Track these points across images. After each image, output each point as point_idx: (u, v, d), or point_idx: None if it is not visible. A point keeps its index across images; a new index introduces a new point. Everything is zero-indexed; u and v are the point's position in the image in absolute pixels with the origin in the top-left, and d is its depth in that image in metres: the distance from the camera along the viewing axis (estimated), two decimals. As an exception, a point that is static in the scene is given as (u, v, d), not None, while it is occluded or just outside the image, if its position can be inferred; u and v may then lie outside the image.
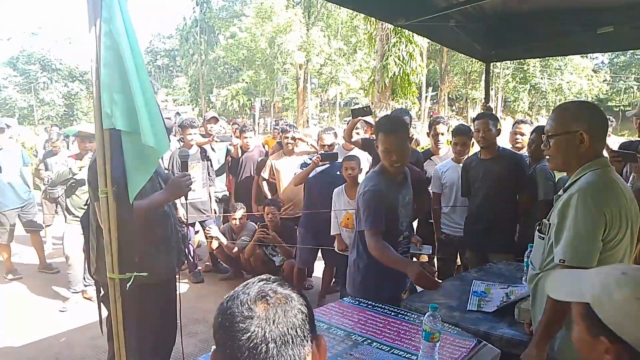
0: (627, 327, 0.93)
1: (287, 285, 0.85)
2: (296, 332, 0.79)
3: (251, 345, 0.75)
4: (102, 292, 2.39)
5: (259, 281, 0.85)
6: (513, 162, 3.46)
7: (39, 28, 39.62)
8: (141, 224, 2.08)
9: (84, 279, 4.52)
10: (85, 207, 4.35)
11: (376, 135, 2.52)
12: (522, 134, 4.15)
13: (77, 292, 4.55)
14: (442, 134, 4.23)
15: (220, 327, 0.80)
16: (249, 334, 0.76)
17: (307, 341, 0.80)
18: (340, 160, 4.20)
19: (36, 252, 5.55)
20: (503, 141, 4.08)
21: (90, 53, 1.73)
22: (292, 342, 0.78)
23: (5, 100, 34.27)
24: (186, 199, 2.49)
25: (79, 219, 4.41)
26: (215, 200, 5.34)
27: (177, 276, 2.58)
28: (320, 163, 4.13)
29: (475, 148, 3.83)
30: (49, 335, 3.87)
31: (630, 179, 2.77)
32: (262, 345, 0.76)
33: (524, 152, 3.95)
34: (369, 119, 4.57)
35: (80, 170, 4.38)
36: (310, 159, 4.33)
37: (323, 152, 4.41)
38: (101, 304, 2.44)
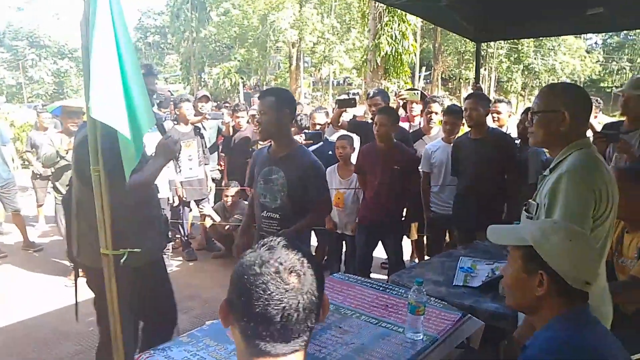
0: (560, 262, 1.21)
1: (301, 250, 0.90)
2: (316, 298, 0.86)
3: (285, 314, 0.81)
4: (87, 277, 2.36)
5: (283, 246, 0.89)
6: (502, 143, 3.51)
7: (26, 2, 38.74)
8: (129, 203, 2.06)
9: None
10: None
11: None
12: (499, 113, 4.21)
13: None
14: (436, 113, 4.25)
15: (248, 293, 0.83)
16: (283, 304, 0.81)
17: (320, 303, 0.88)
18: (333, 139, 4.25)
19: (19, 231, 5.56)
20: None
21: (81, 32, 1.72)
22: (314, 307, 0.85)
23: (-8, 78, 33.67)
24: (176, 160, 2.45)
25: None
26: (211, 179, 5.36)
27: (163, 258, 2.60)
28: (304, 142, 4.14)
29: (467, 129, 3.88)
30: (44, 312, 3.92)
31: (613, 159, 2.83)
32: (294, 314, 0.82)
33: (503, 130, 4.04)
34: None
35: (67, 153, 4.28)
36: None
37: (307, 131, 4.44)
38: (77, 288, 2.42)
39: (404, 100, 4.66)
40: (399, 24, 10.41)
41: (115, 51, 1.71)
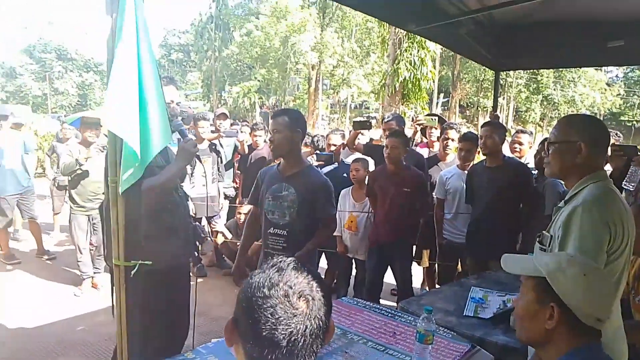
0: (573, 296, 1.18)
1: (311, 272, 0.90)
2: (324, 323, 0.85)
3: (292, 339, 0.80)
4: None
5: (292, 269, 0.88)
6: (518, 172, 3.47)
7: (56, 17, 40.01)
8: (149, 208, 2.09)
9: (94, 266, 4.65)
10: (92, 196, 4.46)
11: None
12: (521, 144, 4.19)
13: (88, 278, 4.64)
14: (452, 140, 4.23)
15: (255, 316, 0.82)
16: (290, 329, 0.81)
17: (327, 328, 0.87)
18: (349, 161, 4.28)
19: (35, 239, 5.62)
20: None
21: (106, 45, 1.77)
22: (320, 332, 0.84)
23: (20, 88, 34.55)
24: (199, 159, 2.50)
25: (84, 209, 4.50)
26: (223, 196, 5.39)
27: (189, 269, 2.61)
28: (316, 163, 4.17)
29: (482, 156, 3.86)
30: (52, 320, 3.93)
31: (628, 173, 2.78)
32: (301, 339, 0.81)
33: (523, 161, 4.01)
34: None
35: (86, 161, 4.36)
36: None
37: (318, 152, 4.47)
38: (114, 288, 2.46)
39: (422, 126, 4.66)
40: (418, 50, 10.51)
41: (136, 67, 1.75)
